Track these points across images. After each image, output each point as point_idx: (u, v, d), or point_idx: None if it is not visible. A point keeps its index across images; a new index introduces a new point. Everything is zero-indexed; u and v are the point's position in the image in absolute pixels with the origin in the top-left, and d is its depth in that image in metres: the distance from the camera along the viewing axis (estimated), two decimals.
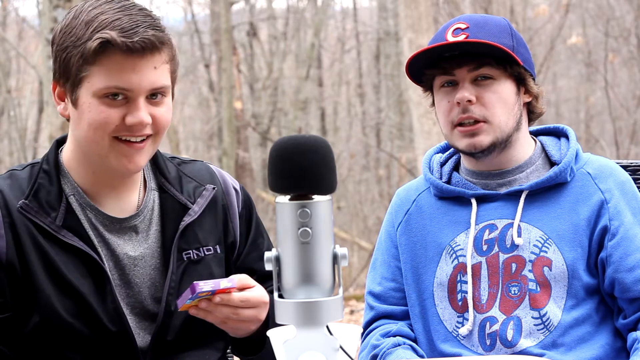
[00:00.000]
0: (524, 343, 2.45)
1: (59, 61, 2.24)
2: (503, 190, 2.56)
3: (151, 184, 2.38)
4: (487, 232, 2.53)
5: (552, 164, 2.58)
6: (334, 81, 20.28)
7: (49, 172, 2.30)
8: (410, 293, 2.62)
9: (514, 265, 2.49)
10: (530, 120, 2.62)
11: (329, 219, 1.61)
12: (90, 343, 2.25)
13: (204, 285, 2.08)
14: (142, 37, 2.17)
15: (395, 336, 2.60)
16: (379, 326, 2.64)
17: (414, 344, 2.59)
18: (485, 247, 2.52)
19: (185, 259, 2.34)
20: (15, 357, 2.27)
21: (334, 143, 17.40)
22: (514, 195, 2.54)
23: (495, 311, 2.48)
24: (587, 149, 13.57)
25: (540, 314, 2.46)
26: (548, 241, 2.48)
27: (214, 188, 2.41)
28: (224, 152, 16.18)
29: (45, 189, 2.28)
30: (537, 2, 16.40)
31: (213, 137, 18.58)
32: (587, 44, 16.80)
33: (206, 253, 2.36)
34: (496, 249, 2.51)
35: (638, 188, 2.57)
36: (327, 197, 1.61)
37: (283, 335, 1.66)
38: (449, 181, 2.63)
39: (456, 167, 2.66)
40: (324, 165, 1.61)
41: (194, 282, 2.08)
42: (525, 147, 2.58)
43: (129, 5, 2.23)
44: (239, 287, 2.15)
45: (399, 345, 2.57)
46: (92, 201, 2.31)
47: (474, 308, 2.50)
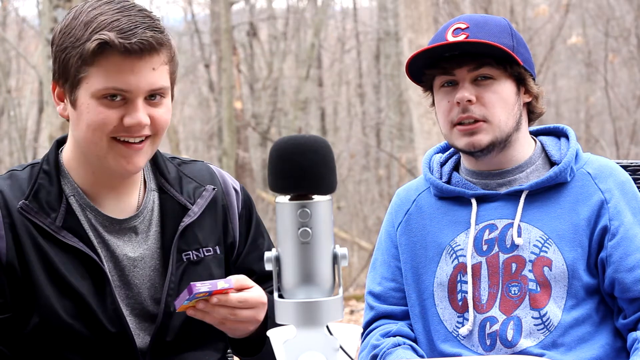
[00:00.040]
0: (524, 343, 2.45)
1: (58, 62, 2.24)
2: (503, 190, 2.56)
3: (151, 184, 2.38)
4: (487, 232, 2.53)
5: (552, 164, 2.58)
6: (334, 81, 20.27)
7: (49, 173, 2.30)
8: (410, 293, 2.62)
9: (514, 265, 2.49)
10: (530, 120, 2.62)
11: (329, 219, 1.61)
12: (89, 344, 2.24)
13: (201, 286, 2.08)
14: (140, 39, 2.17)
15: (395, 336, 2.60)
16: (379, 326, 2.64)
17: (414, 344, 2.59)
18: (485, 247, 2.52)
19: (184, 259, 2.33)
20: (16, 358, 2.26)
21: (334, 143, 17.40)
22: (514, 195, 2.54)
23: (495, 311, 2.48)
24: (587, 149, 13.57)
25: (540, 314, 2.46)
26: (548, 241, 2.48)
27: (214, 188, 2.41)
28: (224, 152, 16.18)
29: (46, 190, 2.28)
30: (537, 2, 16.40)
31: (213, 137, 18.57)
32: (587, 44, 16.80)
33: (206, 254, 2.36)
34: (496, 249, 2.51)
35: (638, 188, 2.57)
36: (327, 197, 1.61)
37: (283, 335, 1.66)
38: (449, 181, 2.63)
39: (456, 167, 2.66)
40: (324, 165, 1.61)
41: (191, 283, 2.07)
42: (525, 147, 2.58)
43: (129, 6, 2.22)
44: (237, 288, 2.14)
45: (399, 345, 2.57)
46: (92, 202, 2.31)
47: (474, 308, 2.50)
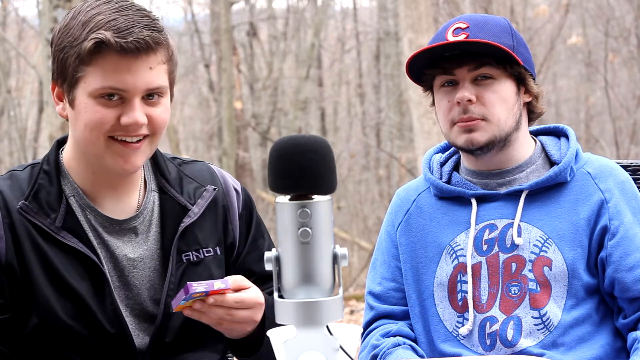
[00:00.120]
0: (524, 343, 2.45)
1: (57, 61, 2.24)
2: (503, 190, 2.56)
3: (151, 185, 2.38)
4: (487, 232, 2.53)
5: (552, 163, 2.58)
6: (334, 81, 20.27)
7: (49, 173, 2.30)
8: (410, 293, 2.62)
9: (514, 265, 2.48)
10: (530, 120, 2.62)
11: (329, 219, 1.61)
12: (89, 344, 2.24)
13: (198, 286, 2.07)
14: (137, 38, 2.17)
15: (395, 336, 2.60)
16: (379, 326, 2.64)
17: (414, 344, 2.59)
18: (485, 247, 2.52)
19: (184, 260, 2.33)
20: (15, 358, 2.26)
21: (334, 143, 17.40)
22: (514, 195, 2.54)
23: (495, 311, 2.48)
24: (587, 149, 13.56)
25: (540, 313, 2.46)
26: (548, 241, 2.48)
27: (214, 189, 2.40)
28: (224, 152, 16.17)
29: (46, 190, 2.28)
30: (537, 2, 16.39)
31: (213, 137, 18.57)
32: (587, 44, 16.79)
33: (206, 255, 2.36)
34: (496, 248, 2.51)
35: (638, 188, 2.57)
36: (327, 197, 1.61)
37: (283, 335, 1.66)
38: (449, 181, 2.63)
39: (456, 167, 2.66)
40: (324, 165, 1.61)
41: (188, 283, 2.07)
42: (525, 147, 2.58)
43: (127, 5, 2.22)
44: (234, 288, 2.14)
45: (399, 345, 2.57)
46: (92, 202, 2.30)
47: (474, 308, 2.50)
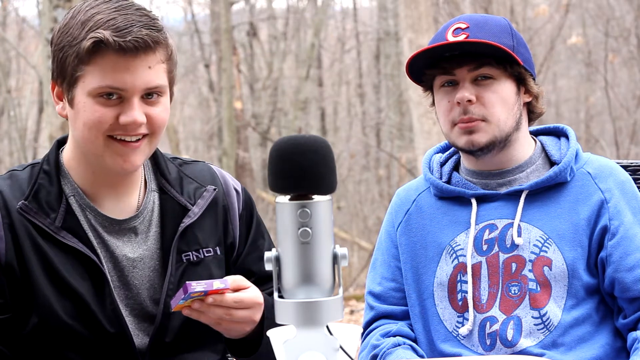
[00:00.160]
0: (524, 343, 2.45)
1: (56, 61, 2.24)
2: (503, 190, 2.56)
3: (152, 184, 2.38)
4: (487, 232, 2.53)
5: (552, 163, 2.58)
6: (334, 81, 20.27)
7: (49, 173, 2.30)
8: (410, 293, 2.62)
9: (514, 265, 2.48)
10: (530, 120, 2.62)
11: (329, 219, 1.61)
12: (89, 344, 2.24)
13: (197, 285, 2.07)
14: (135, 37, 2.17)
15: (395, 336, 2.60)
16: (379, 326, 2.64)
17: (414, 344, 2.59)
18: (485, 247, 2.52)
19: (184, 260, 2.33)
20: (15, 358, 2.26)
21: (334, 143, 17.40)
22: (514, 195, 2.54)
23: (495, 311, 2.48)
24: (587, 149, 13.56)
25: (540, 313, 2.46)
26: (548, 241, 2.48)
27: (214, 189, 2.40)
28: (224, 152, 16.17)
29: (45, 190, 2.28)
30: (537, 2, 16.39)
31: (213, 137, 18.57)
32: (587, 44, 16.79)
33: (206, 255, 2.36)
34: (496, 248, 2.51)
35: (638, 188, 2.57)
36: (327, 197, 1.61)
37: (283, 335, 1.66)
38: (449, 181, 2.63)
39: (456, 167, 2.66)
40: (324, 165, 1.61)
41: (187, 282, 2.07)
42: (525, 147, 2.58)
43: (127, 5, 2.22)
44: (233, 288, 2.14)
45: (399, 345, 2.57)
46: (92, 202, 2.30)
47: (474, 308, 2.50)
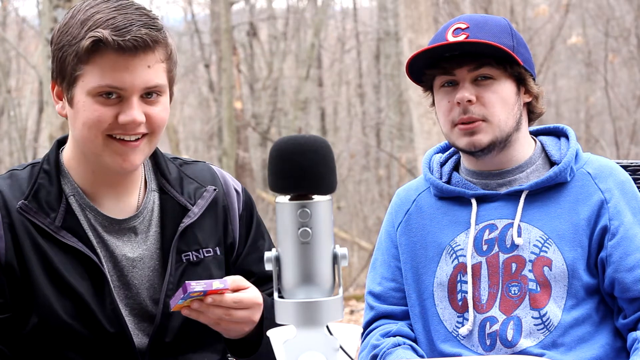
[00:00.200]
0: (524, 343, 2.45)
1: (56, 60, 2.24)
2: (503, 190, 2.56)
3: (152, 184, 2.38)
4: (487, 232, 2.53)
5: (552, 163, 2.58)
6: (334, 81, 20.27)
7: (49, 172, 2.30)
8: (410, 293, 2.62)
9: (514, 265, 2.48)
10: (531, 120, 2.62)
11: (329, 219, 1.61)
12: (88, 344, 2.24)
13: (196, 285, 2.07)
14: (135, 36, 2.16)
15: (395, 336, 2.59)
16: (379, 326, 2.64)
17: (414, 344, 2.59)
18: (485, 247, 2.52)
19: (184, 260, 2.33)
20: (16, 357, 2.26)
21: (334, 143, 17.40)
22: (514, 195, 2.54)
23: (495, 311, 2.48)
24: (587, 149, 13.56)
25: (540, 313, 2.46)
26: (548, 241, 2.48)
27: (215, 189, 2.40)
28: (224, 152, 16.17)
29: (45, 189, 2.28)
30: (537, 2, 16.39)
31: (213, 137, 18.57)
32: (587, 44, 16.79)
33: (206, 255, 2.36)
34: (496, 249, 2.51)
35: (638, 188, 2.57)
36: (327, 197, 1.61)
37: (283, 335, 1.66)
38: (449, 181, 2.63)
39: (456, 167, 2.66)
40: (324, 165, 1.61)
41: (186, 282, 2.07)
42: (525, 147, 2.58)
43: (127, 4, 2.22)
44: (233, 289, 2.14)
45: (399, 345, 2.57)
46: (92, 202, 2.30)
47: (474, 308, 2.50)
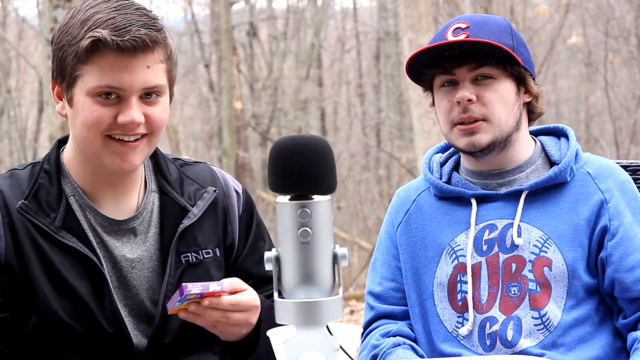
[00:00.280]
0: (524, 343, 2.45)
1: (56, 60, 2.24)
2: (503, 190, 2.56)
3: (152, 185, 2.38)
4: (487, 232, 2.53)
5: (552, 163, 2.58)
6: (334, 81, 20.27)
7: (49, 172, 2.30)
8: (410, 293, 2.62)
9: (514, 265, 2.48)
10: (530, 120, 2.62)
11: (329, 219, 1.61)
12: (88, 344, 2.24)
13: (193, 287, 2.06)
14: (134, 36, 2.16)
15: (395, 336, 2.59)
16: (379, 326, 2.64)
17: (414, 344, 2.59)
18: (485, 247, 2.52)
19: (183, 261, 2.33)
20: (15, 357, 2.26)
21: (334, 143, 17.40)
22: (514, 195, 2.54)
23: (495, 311, 2.48)
24: (587, 149, 13.57)
25: (540, 314, 2.46)
26: (548, 241, 2.48)
27: (215, 190, 2.40)
28: (224, 152, 16.17)
29: (46, 189, 2.28)
30: (537, 2, 16.40)
31: (213, 137, 18.57)
32: (587, 44, 16.79)
33: (205, 256, 2.35)
34: (496, 249, 2.51)
35: (638, 188, 2.57)
36: (327, 197, 1.61)
37: (283, 335, 1.66)
38: (448, 181, 2.63)
39: (456, 167, 2.66)
40: (324, 165, 1.61)
41: (183, 284, 2.06)
42: (525, 147, 2.58)
43: (127, 4, 2.22)
44: (230, 291, 2.13)
45: (399, 345, 2.57)
46: (92, 202, 2.30)
47: (473, 308, 2.49)
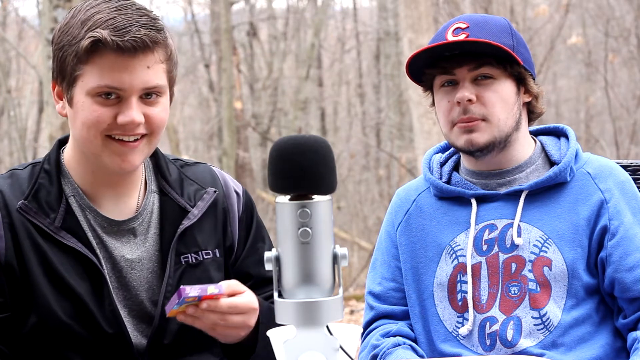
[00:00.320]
0: (524, 343, 2.45)
1: (56, 60, 2.24)
2: (503, 190, 2.56)
3: (152, 186, 2.38)
4: (487, 232, 2.53)
5: (552, 163, 2.58)
6: (334, 81, 20.27)
7: (49, 172, 2.30)
8: (410, 293, 2.62)
9: (514, 265, 2.48)
10: (530, 120, 2.62)
11: (329, 219, 1.61)
12: (87, 344, 2.24)
13: (191, 290, 2.05)
14: (134, 36, 2.16)
15: (395, 336, 2.60)
16: (379, 326, 2.64)
17: (414, 344, 2.59)
18: (485, 247, 2.52)
19: (183, 262, 2.33)
20: (15, 357, 2.26)
21: (334, 143, 17.40)
22: (514, 195, 2.54)
23: (495, 311, 2.48)
24: (587, 149, 13.56)
25: (540, 314, 2.46)
26: (548, 241, 2.48)
27: (215, 191, 2.40)
28: (224, 152, 16.17)
29: (46, 189, 2.28)
30: (537, 2, 16.39)
31: (213, 137, 18.57)
32: (587, 44, 16.79)
33: (205, 257, 2.35)
34: (496, 249, 2.51)
35: (638, 188, 2.57)
36: (327, 197, 1.61)
37: (283, 335, 1.66)
38: (448, 181, 2.63)
39: (456, 167, 2.66)
40: (324, 165, 1.61)
41: (181, 287, 2.05)
42: (525, 147, 2.58)
43: (127, 4, 2.22)
44: (228, 294, 2.12)
45: (399, 345, 2.57)
46: (92, 202, 2.30)
47: (473, 308, 2.50)
